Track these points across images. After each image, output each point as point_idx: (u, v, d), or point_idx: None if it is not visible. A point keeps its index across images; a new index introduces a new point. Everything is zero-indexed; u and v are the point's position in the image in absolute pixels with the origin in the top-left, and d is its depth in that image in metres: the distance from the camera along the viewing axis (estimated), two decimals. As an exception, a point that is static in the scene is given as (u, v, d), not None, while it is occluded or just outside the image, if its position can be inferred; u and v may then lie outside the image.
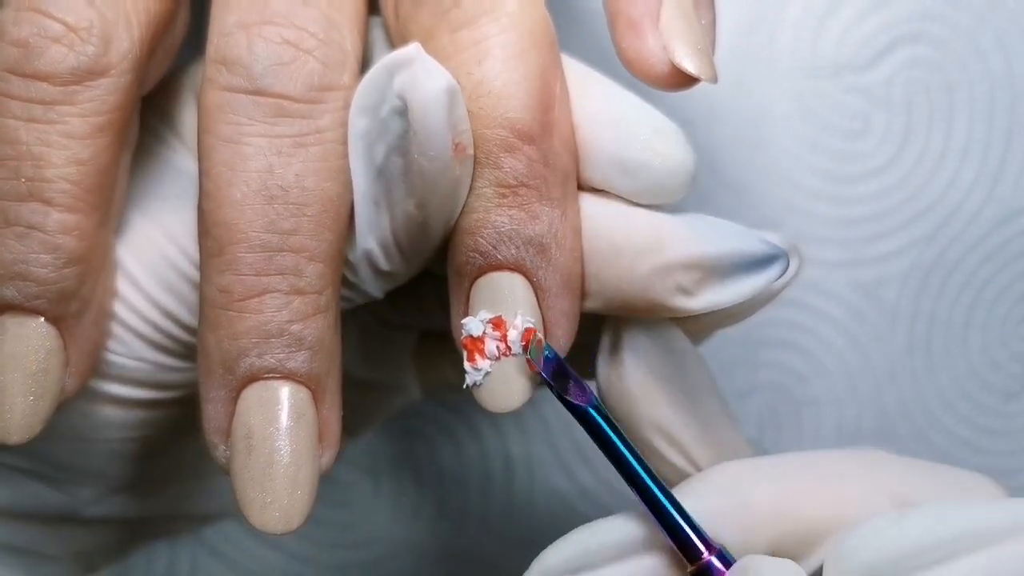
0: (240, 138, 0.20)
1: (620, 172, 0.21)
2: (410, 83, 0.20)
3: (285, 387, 0.20)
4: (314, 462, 0.21)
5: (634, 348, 0.22)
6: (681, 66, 0.20)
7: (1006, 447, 0.36)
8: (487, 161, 0.21)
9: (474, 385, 0.21)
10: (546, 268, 0.21)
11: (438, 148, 0.20)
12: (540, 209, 0.21)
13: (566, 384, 0.21)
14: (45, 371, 0.21)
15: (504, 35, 0.21)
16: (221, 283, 0.20)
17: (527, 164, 0.20)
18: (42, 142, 0.20)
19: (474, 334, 0.21)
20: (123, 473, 0.25)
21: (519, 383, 0.21)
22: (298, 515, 0.20)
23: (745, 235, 0.21)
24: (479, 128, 0.20)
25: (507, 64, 0.20)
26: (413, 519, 0.35)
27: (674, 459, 0.22)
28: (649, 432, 0.22)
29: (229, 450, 0.21)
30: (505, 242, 0.21)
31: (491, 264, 0.21)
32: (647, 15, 0.21)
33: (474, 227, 0.21)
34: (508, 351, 0.21)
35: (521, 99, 0.20)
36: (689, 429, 0.22)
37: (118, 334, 0.23)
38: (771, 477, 0.21)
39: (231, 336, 0.20)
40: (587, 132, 0.22)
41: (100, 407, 0.23)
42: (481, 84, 0.20)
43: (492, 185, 0.21)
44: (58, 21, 0.20)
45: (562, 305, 0.21)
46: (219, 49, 0.21)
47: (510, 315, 0.21)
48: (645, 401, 0.22)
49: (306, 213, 0.20)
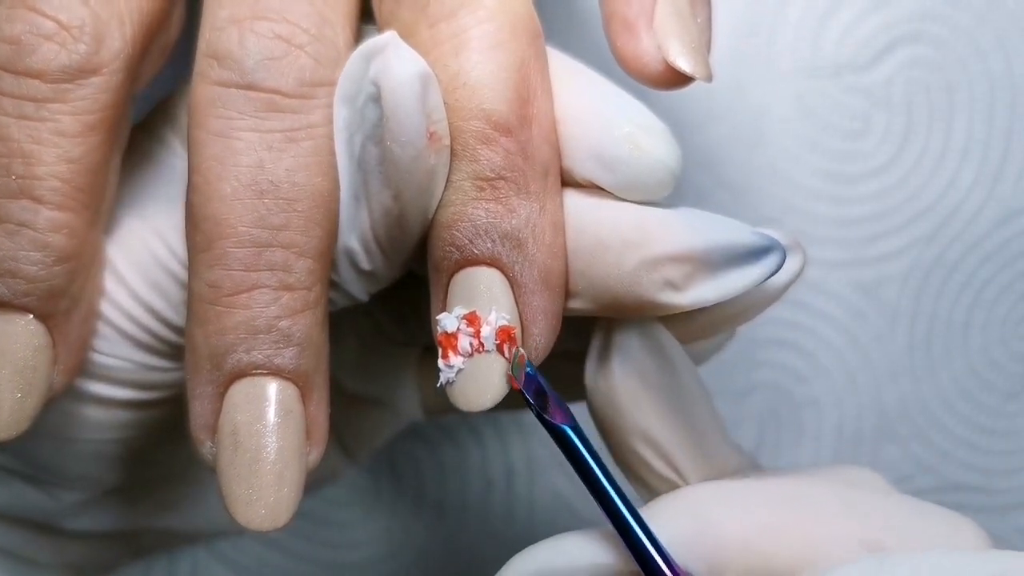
0: (231, 132, 0.20)
1: (600, 166, 0.21)
2: (383, 68, 0.20)
3: (273, 383, 0.20)
4: (301, 459, 0.20)
5: (623, 354, 0.22)
6: (675, 65, 0.20)
7: (1006, 447, 0.36)
8: (464, 154, 0.20)
9: (447, 383, 0.20)
10: (523, 263, 0.20)
11: (410, 134, 0.20)
12: (517, 203, 0.20)
13: (545, 401, 0.20)
14: (33, 368, 0.21)
15: (481, 27, 0.20)
16: (209, 278, 0.20)
17: (504, 156, 0.20)
18: (33, 139, 0.20)
19: (448, 330, 0.20)
20: (107, 476, 0.25)
21: (492, 381, 0.20)
22: (284, 512, 0.20)
23: (737, 227, 0.21)
24: (455, 120, 0.20)
25: (484, 55, 0.20)
26: (413, 519, 0.35)
27: (661, 469, 0.22)
28: (635, 440, 0.22)
29: (215, 447, 0.20)
30: (481, 236, 0.20)
31: (467, 259, 0.20)
32: (642, 14, 0.21)
33: (451, 221, 0.20)
34: (481, 347, 0.20)
35: (498, 90, 0.20)
36: (677, 439, 0.22)
37: (103, 332, 0.22)
38: (743, 507, 0.20)
39: (219, 331, 0.20)
40: (570, 124, 0.21)
41: (83, 407, 0.23)
42: (457, 76, 0.20)
43: (469, 178, 0.20)
44: (50, 19, 0.20)
45: (540, 302, 0.21)
46: (210, 43, 0.20)
47: (485, 311, 0.20)
48: (632, 409, 0.22)
49: (296, 209, 0.20)
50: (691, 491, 0.21)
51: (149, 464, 0.25)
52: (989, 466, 0.36)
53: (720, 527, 0.20)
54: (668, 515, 0.20)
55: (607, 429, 0.22)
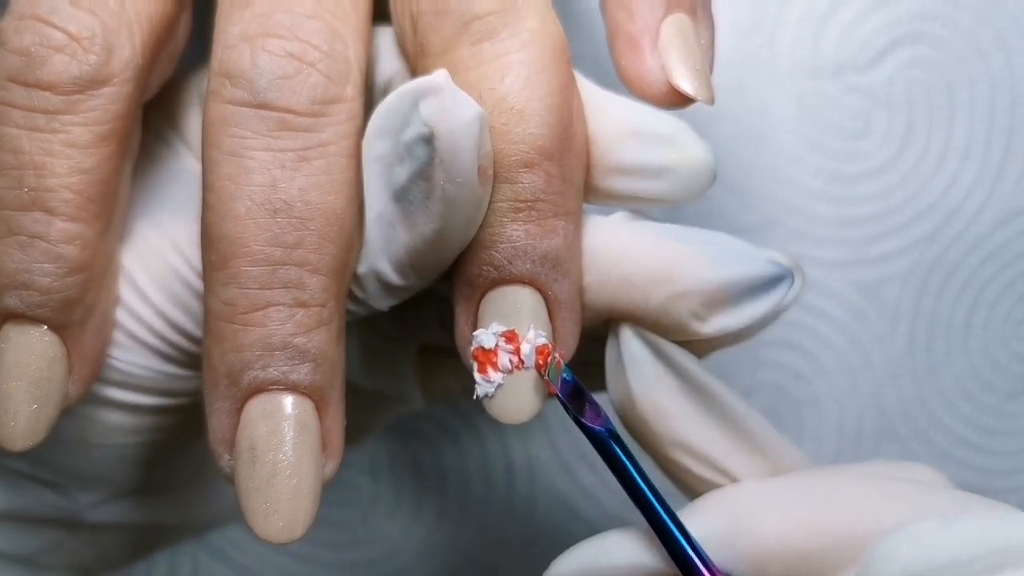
0: (243, 152, 0.20)
1: (647, 178, 0.21)
2: (439, 112, 0.20)
3: (289, 399, 0.20)
4: (317, 472, 0.21)
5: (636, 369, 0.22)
6: (679, 87, 0.21)
7: (1007, 447, 0.36)
8: (506, 177, 0.20)
9: (485, 397, 0.21)
10: (561, 282, 0.21)
11: (465, 175, 0.20)
12: (556, 224, 0.21)
13: (582, 406, 0.21)
14: (48, 379, 0.21)
15: (526, 51, 0.21)
16: (225, 296, 0.20)
17: (546, 180, 0.20)
18: (45, 151, 0.20)
19: (486, 346, 0.21)
20: (127, 477, 0.25)
21: (530, 397, 0.21)
22: (301, 525, 0.20)
23: (754, 257, 0.21)
24: (500, 144, 0.20)
25: (529, 80, 0.20)
26: (413, 519, 0.35)
27: (705, 474, 0.22)
28: (671, 449, 0.22)
29: (233, 460, 0.21)
30: (520, 257, 0.21)
31: (504, 278, 0.21)
32: (646, 33, 0.21)
33: (489, 241, 0.21)
34: (521, 365, 0.21)
35: (543, 116, 0.20)
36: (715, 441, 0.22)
37: (124, 343, 0.23)
38: (782, 505, 0.20)
39: (235, 349, 0.20)
40: (609, 143, 0.22)
41: (107, 413, 0.23)
42: (504, 100, 0.20)
43: (509, 200, 0.21)
44: (60, 30, 0.20)
45: (574, 316, 0.21)
46: (223, 62, 0.20)
47: (523, 329, 0.21)
48: (660, 420, 0.22)
49: (309, 227, 0.20)
50: (730, 490, 0.21)
51: (167, 464, 0.25)
52: (990, 466, 0.36)
53: (758, 526, 0.20)
54: (706, 514, 0.21)
55: (643, 443, 0.22)
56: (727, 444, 0.22)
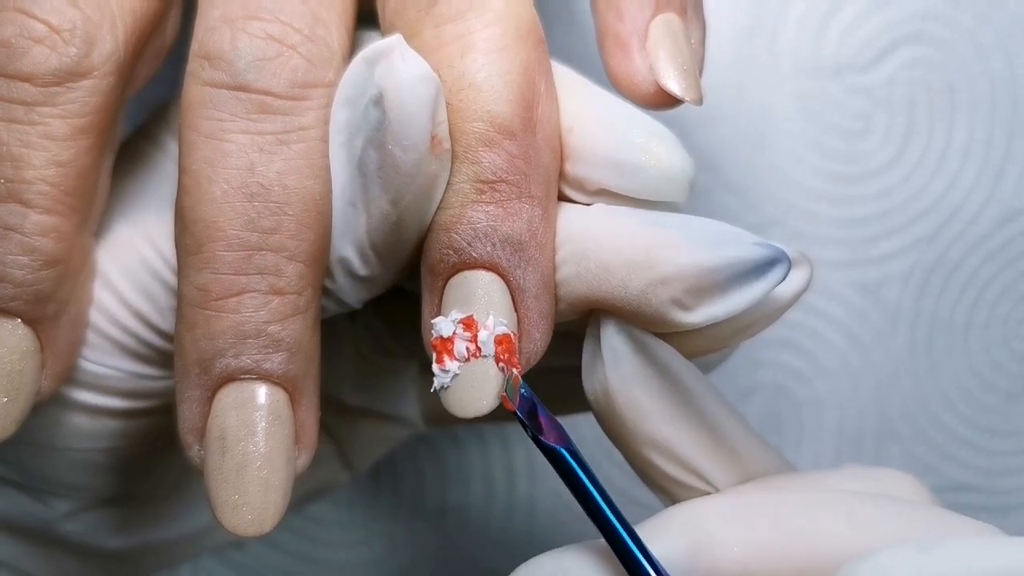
0: (221, 134, 0.20)
1: (618, 173, 0.21)
2: (387, 71, 0.19)
3: (261, 388, 0.20)
4: (289, 464, 0.20)
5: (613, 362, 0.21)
6: (666, 88, 0.20)
7: (1008, 447, 0.36)
8: (465, 156, 0.20)
9: (441, 388, 0.20)
10: (524, 268, 0.20)
11: (413, 138, 0.19)
12: (519, 206, 0.20)
13: (539, 422, 0.20)
14: (20, 372, 0.21)
15: (488, 29, 0.20)
16: (199, 281, 0.20)
17: (507, 159, 0.20)
18: (22, 143, 0.20)
19: (444, 335, 0.20)
20: (98, 485, 0.24)
21: (488, 386, 0.20)
22: (271, 518, 0.20)
23: (740, 239, 0.20)
24: (458, 122, 0.20)
25: (490, 58, 0.20)
26: (414, 519, 0.35)
27: (680, 476, 0.21)
28: (644, 448, 0.21)
29: (203, 450, 0.20)
30: (481, 239, 0.20)
31: (465, 262, 0.20)
32: (635, 33, 0.21)
33: (449, 223, 0.20)
34: (478, 352, 0.20)
35: (502, 93, 0.20)
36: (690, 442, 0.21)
37: (92, 340, 0.22)
38: (743, 523, 0.19)
39: (207, 335, 0.20)
40: (582, 134, 0.21)
41: (73, 416, 0.23)
42: (462, 77, 0.20)
43: (469, 180, 0.20)
44: (41, 22, 0.20)
45: (540, 306, 0.20)
46: (202, 44, 0.20)
47: (482, 315, 0.20)
48: (634, 416, 0.21)
49: (287, 212, 0.20)
50: (690, 506, 0.20)
51: (142, 475, 0.25)
52: (990, 466, 0.36)
53: (718, 549, 0.19)
54: (665, 532, 0.20)
55: (616, 440, 0.22)
56: (701, 445, 0.21)
